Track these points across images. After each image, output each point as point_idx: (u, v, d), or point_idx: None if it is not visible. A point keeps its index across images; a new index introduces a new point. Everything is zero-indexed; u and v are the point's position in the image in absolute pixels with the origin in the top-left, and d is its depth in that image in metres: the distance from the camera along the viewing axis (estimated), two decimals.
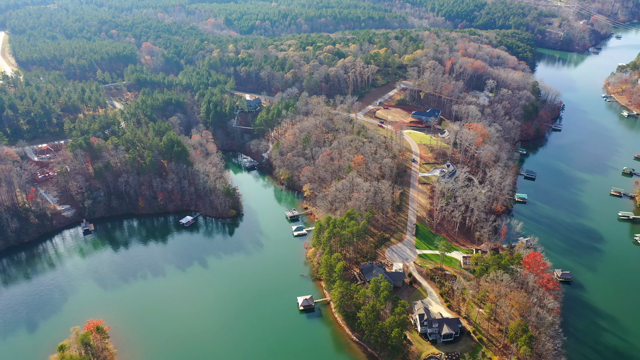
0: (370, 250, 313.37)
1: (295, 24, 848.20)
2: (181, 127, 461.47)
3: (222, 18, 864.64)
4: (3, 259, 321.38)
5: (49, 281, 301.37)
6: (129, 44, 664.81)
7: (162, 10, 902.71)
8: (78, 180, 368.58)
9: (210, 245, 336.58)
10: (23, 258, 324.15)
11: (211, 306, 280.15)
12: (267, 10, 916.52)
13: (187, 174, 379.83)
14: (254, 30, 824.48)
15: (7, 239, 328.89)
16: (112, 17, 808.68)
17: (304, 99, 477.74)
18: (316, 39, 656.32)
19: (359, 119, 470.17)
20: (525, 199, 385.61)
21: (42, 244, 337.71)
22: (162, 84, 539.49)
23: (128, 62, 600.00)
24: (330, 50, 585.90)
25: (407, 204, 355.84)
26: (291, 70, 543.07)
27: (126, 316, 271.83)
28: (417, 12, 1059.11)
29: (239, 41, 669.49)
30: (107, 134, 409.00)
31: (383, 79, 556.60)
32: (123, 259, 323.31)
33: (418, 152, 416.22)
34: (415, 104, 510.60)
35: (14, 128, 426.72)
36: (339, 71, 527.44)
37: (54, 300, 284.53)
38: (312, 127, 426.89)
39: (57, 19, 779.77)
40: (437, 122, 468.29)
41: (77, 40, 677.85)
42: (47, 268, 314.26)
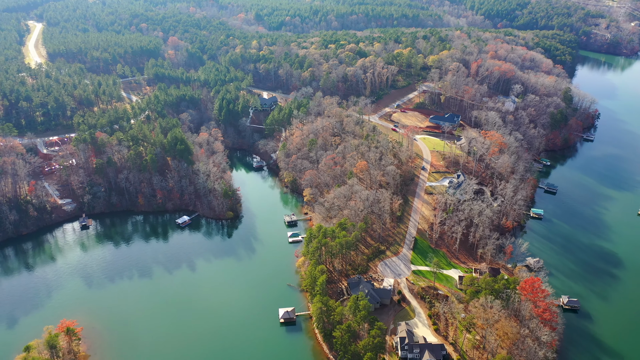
0: (363, 262, 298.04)
1: (325, 20, 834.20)
2: (191, 124, 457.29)
3: (252, 13, 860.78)
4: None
5: (37, 276, 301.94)
6: (155, 38, 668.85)
7: (195, 5, 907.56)
8: (80, 174, 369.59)
9: (201, 248, 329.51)
10: (18, 251, 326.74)
11: (192, 312, 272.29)
12: (299, 6, 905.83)
13: (187, 173, 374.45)
14: (283, 26, 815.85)
15: (5, 231, 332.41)
16: (144, 11, 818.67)
17: (318, 99, 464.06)
18: (340, 37, 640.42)
19: (373, 121, 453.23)
20: (542, 215, 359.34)
21: (40, 237, 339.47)
22: (180, 79, 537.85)
23: (151, 57, 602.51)
24: (352, 49, 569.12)
25: (409, 215, 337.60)
26: (309, 69, 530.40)
27: (105, 317, 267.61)
28: (455, 11, 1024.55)
29: (263, 37, 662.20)
30: (115, 129, 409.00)
31: (404, 80, 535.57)
32: (113, 256, 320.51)
33: (429, 160, 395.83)
34: (434, 108, 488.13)
35: (29, 119, 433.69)
36: (358, 71, 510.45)
37: (39, 296, 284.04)
38: (320, 129, 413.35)
39: (92, 12, 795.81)
40: (456, 128, 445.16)
41: (106, 33, 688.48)
42: (38, 262, 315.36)
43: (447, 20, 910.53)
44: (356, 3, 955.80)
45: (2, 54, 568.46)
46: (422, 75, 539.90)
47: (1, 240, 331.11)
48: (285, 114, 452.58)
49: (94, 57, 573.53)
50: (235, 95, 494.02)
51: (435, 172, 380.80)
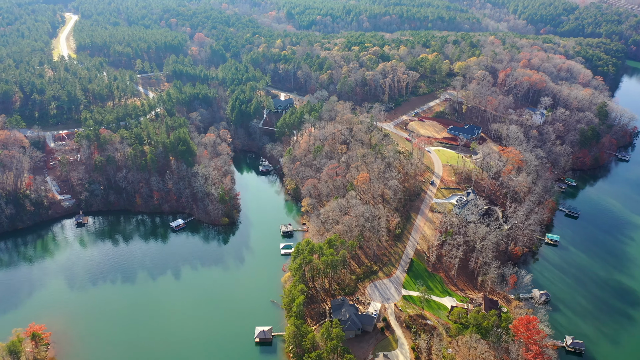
0: (351, 282, 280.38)
1: (357, 21, 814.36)
2: (201, 124, 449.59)
3: (284, 11, 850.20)
4: None
5: (22, 274, 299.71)
6: (181, 34, 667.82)
7: (229, 1, 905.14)
8: (80, 171, 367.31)
9: (190, 254, 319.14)
10: (9, 246, 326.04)
11: (167, 322, 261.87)
12: (332, 5, 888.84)
13: (186, 175, 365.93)
14: (313, 25, 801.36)
15: (0, 224, 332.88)
16: (177, 6, 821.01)
17: (331, 104, 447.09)
18: (366, 39, 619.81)
19: (387, 130, 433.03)
20: (557, 241, 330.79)
21: (34, 232, 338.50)
22: (198, 77, 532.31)
23: (174, 53, 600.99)
24: (375, 52, 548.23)
25: (409, 234, 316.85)
26: (328, 72, 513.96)
27: (79, 323, 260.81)
28: (496, 14, 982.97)
29: (288, 37, 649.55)
30: (121, 126, 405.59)
31: (427, 87, 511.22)
32: (101, 258, 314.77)
33: (440, 174, 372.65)
34: (455, 118, 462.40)
35: (43, 112, 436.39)
36: (377, 76, 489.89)
37: (19, 295, 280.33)
38: (328, 136, 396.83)
39: (125, 6, 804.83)
40: (474, 141, 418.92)
41: (135, 27, 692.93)
42: (26, 259, 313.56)
43: (485, 24, 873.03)
44: (391, 3, 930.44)
45: (29, 45, 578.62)
46: (446, 83, 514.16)
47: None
48: (296, 118, 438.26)
49: (117, 52, 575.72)
50: (250, 95, 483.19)
51: (445, 188, 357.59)
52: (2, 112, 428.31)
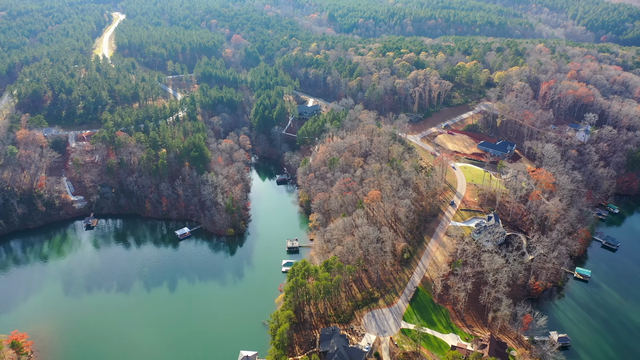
0: (348, 309, 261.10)
1: (400, 24, 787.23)
2: (221, 129, 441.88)
3: (326, 14, 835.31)
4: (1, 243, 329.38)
5: (22, 276, 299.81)
6: (218, 35, 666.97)
7: (272, 2, 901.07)
8: (93, 173, 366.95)
9: (189, 266, 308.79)
10: (15, 246, 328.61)
11: (153, 336, 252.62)
12: (376, 7, 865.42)
13: (196, 182, 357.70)
14: (354, 28, 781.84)
15: (11, 224, 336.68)
16: (219, 7, 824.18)
17: (355, 113, 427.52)
18: (403, 44, 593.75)
19: (412, 142, 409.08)
20: (588, 277, 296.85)
21: (44, 233, 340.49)
22: (227, 80, 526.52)
23: (208, 54, 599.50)
24: (410, 59, 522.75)
25: (419, 259, 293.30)
26: (357, 78, 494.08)
27: (66, 331, 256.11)
28: (553, 19, 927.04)
29: (324, 40, 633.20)
30: (139, 128, 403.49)
31: (462, 97, 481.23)
32: (101, 264, 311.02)
33: (462, 194, 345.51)
34: (488, 132, 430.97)
35: (70, 112, 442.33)
36: (407, 84, 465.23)
37: (14, 298, 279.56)
38: (346, 147, 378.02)
39: (169, 6, 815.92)
40: (505, 159, 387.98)
41: (176, 28, 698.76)
42: (29, 260, 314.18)
43: (539, 30, 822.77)
44: (439, 7, 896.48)
45: (70, 44, 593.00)
46: (483, 93, 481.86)
47: (7, 232, 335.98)
48: (318, 126, 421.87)
49: (152, 52, 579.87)
50: (275, 100, 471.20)
51: (465, 209, 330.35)
52: (33, 110, 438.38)
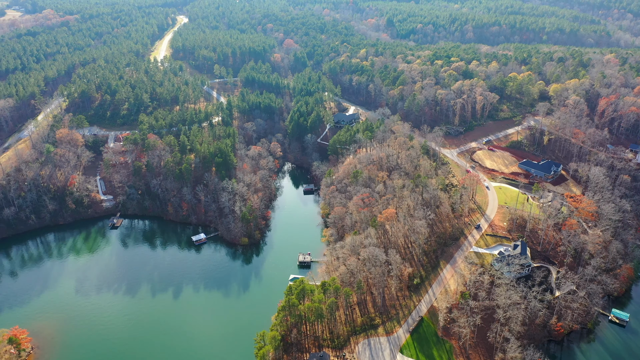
0: (344, 334, 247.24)
1: (460, 30, 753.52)
2: (254, 134, 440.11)
3: (384, 19, 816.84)
4: (30, 237, 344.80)
5: (41, 272, 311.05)
6: (270, 40, 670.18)
7: (332, 7, 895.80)
8: (122, 173, 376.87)
9: (197, 274, 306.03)
10: (43, 241, 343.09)
11: (146, 345, 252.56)
12: (438, 12, 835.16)
13: (217, 188, 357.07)
14: (411, 34, 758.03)
15: (42, 219, 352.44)
16: (279, 11, 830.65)
17: (389, 124, 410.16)
18: (455, 52, 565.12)
19: (447, 157, 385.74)
20: (626, 321, 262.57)
21: (71, 230, 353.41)
22: (269, 85, 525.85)
23: (257, 59, 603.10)
24: (458, 68, 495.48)
25: (430, 286, 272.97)
26: (399, 87, 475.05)
27: (69, 329, 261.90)
28: (637, 27, 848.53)
29: (374, 46, 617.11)
30: (172, 132, 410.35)
31: (510, 110, 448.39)
32: (116, 264, 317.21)
33: (491, 217, 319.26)
34: (533, 150, 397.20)
35: (114, 113, 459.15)
36: (450, 95, 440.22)
37: (29, 293, 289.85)
38: (372, 160, 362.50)
39: (230, 10, 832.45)
40: (550, 180, 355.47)
41: (232, 32, 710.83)
42: (50, 257, 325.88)
43: (617, 38, 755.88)
44: (507, 12, 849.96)
45: (128, 46, 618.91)
46: (536, 107, 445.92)
47: (38, 227, 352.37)
48: (350, 136, 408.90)
49: (203, 56, 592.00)
50: (311, 107, 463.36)
51: (491, 234, 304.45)
52: (82, 110, 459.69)
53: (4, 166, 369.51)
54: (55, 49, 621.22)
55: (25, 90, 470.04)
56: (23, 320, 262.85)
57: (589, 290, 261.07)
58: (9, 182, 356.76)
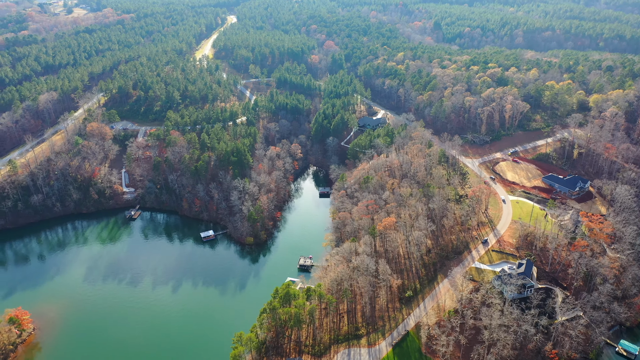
0: (326, 341, 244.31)
1: (510, 35, 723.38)
2: (277, 135, 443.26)
3: (432, 21, 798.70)
4: (54, 224, 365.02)
5: (56, 258, 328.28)
6: (311, 41, 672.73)
7: (381, 9, 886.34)
8: (144, 168, 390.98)
9: (199, 270, 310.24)
10: (66, 228, 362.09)
11: (139, 335, 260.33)
12: (489, 16, 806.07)
13: (229, 187, 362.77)
14: (457, 38, 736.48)
15: (67, 207, 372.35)
16: (326, 12, 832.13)
17: (409, 130, 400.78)
18: (495, 57, 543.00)
19: (467, 167, 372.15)
20: (635, 355, 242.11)
21: (92, 219, 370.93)
22: (301, 86, 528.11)
23: (294, 60, 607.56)
24: (493, 75, 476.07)
25: (423, 300, 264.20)
26: (428, 93, 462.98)
27: (69, 314, 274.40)
28: None
29: (412, 50, 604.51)
30: (196, 129, 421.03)
31: (544, 121, 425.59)
32: (125, 255, 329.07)
33: (501, 232, 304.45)
34: (561, 164, 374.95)
35: (148, 109, 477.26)
36: (478, 102, 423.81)
37: (42, 277, 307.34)
38: (385, 166, 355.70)
39: (277, 11, 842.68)
40: (574, 197, 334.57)
41: (276, 32, 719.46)
42: (66, 244, 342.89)
43: None
44: (565, 17, 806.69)
45: (173, 45, 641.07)
46: (567, 119, 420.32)
47: (63, 214, 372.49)
48: (369, 141, 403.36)
49: (240, 55, 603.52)
50: (337, 110, 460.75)
51: (497, 251, 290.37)
52: (119, 105, 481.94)
53: (38, 156, 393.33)
54: (107, 46, 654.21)
55: (69, 85, 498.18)
56: (29, 302, 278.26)
57: (593, 318, 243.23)
58: (40, 171, 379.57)
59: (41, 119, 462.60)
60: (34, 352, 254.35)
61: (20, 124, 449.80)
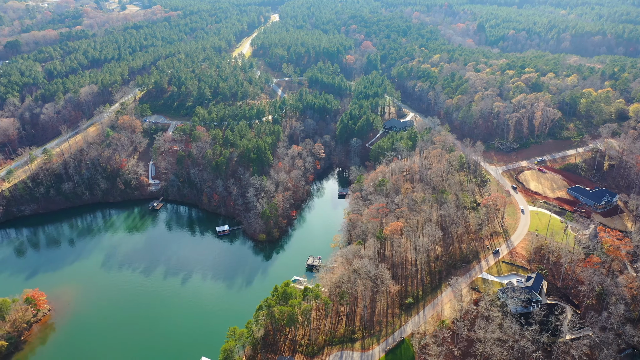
0: (321, 342, 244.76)
1: (556, 39, 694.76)
2: (302, 134, 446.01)
3: (475, 23, 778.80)
4: (82, 211, 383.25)
5: (81, 242, 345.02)
6: (349, 41, 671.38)
7: (425, 9, 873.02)
8: (168, 161, 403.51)
9: (210, 264, 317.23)
10: (92, 215, 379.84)
11: (145, 323, 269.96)
12: (536, 19, 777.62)
13: (247, 184, 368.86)
14: (500, 41, 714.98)
15: (95, 196, 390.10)
16: (368, 12, 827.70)
17: (432, 134, 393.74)
18: (533, 62, 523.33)
19: (490, 175, 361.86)
20: None
21: (118, 207, 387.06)
22: (332, 86, 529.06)
23: (329, 59, 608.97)
24: (528, 80, 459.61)
25: (423, 307, 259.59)
26: (458, 97, 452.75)
27: (84, 298, 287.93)
28: None
29: (449, 52, 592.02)
30: (223, 126, 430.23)
31: (577, 130, 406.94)
32: (143, 244, 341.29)
33: (515, 244, 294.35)
34: (591, 176, 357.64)
35: (180, 103, 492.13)
36: (507, 108, 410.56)
37: (62, 261, 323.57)
38: (403, 170, 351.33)
39: (320, 10, 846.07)
40: (600, 211, 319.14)
41: (315, 32, 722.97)
42: (91, 231, 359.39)
43: None
44: (619, 21, 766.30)
45: (212, 42, 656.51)
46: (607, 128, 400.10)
47: (91, 202, 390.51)
48: (390, 144, 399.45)
49: (275, 54, 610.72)
50: (364, 111, 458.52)
51: (508, 262, 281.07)
52: (154, 99, 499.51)
53: (72, 146, 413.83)
54: (150, 42, 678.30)
55: (109, 79, 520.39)
56: (49, 284, 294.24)
57: (601, 339, 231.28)
58: (73, 160, 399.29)
59: (81, 110, 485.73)
60: (47, 332, 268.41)
61: (62, 115, 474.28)
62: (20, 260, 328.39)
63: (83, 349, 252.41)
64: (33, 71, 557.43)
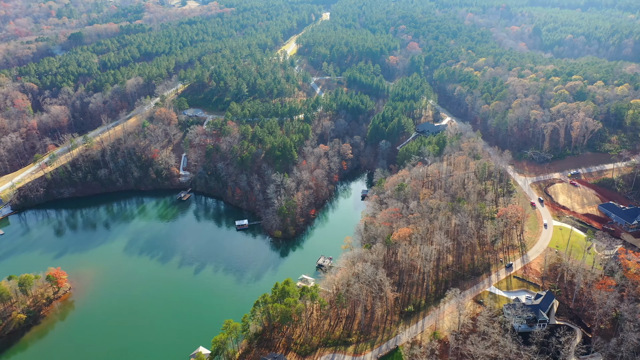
0: (315, 343, 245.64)
1: (617, 45, 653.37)
2: (332, 134, 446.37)
3: (531, 26, 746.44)
4: (115, 197, 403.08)
5: (109, 227, 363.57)
6: (395, 42, 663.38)
7: (480, 11, 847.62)
8: (197, 154, 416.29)
9: (226, 257, 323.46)
10: (124, 201, 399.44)
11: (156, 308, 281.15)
12: (599, 23, 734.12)
13: (269, 180, 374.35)
14: (555, 45, 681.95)
15: (128, 183, 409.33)
16: (420, 12, 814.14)
17: (463, 140, 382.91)
18: (585, 69, 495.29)
19: (517, 185, 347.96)
20: None
21: (148, 196, 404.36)
22: (369, 86, 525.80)
23: (371, 59, 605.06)
24: (572, 88, 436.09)
25: (423, 317, 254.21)
26: (494, 103, 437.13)
27: (102, 280, 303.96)
28: None
29: (496, 56, 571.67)
30: (254, 122, 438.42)
31: (621, 142, 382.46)
32: (164, 233, 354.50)
33: (530, 260, 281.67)
34: (626, 193, 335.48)
35: (219, 98, 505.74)
36: (544, 116, 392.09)
37: (89, 243, 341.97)
38: (423, 175, 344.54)
39: (370, 10, 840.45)
40: (631, 230, 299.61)
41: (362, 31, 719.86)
42: (122, 215, 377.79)
43: None
44: None
45: (258, 39, 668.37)
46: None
47: (124, 189, 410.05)
48: (417, 148, 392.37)
49: (318, 52, 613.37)
50: (396, 113, 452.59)
51: (520, 278, 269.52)
52: (196, 93, 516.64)
53: (112, 135, 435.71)
54: (201, 37, 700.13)
55: (156, 71, 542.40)
56: (73, 264, 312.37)
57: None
58: (111, 148, 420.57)
59: (127, 101, 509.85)
60: (66, 309, 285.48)
61: (108, 105, 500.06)
62: (52, 239, 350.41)
63: (95, 328, 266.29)
64: (89, 62, 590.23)
